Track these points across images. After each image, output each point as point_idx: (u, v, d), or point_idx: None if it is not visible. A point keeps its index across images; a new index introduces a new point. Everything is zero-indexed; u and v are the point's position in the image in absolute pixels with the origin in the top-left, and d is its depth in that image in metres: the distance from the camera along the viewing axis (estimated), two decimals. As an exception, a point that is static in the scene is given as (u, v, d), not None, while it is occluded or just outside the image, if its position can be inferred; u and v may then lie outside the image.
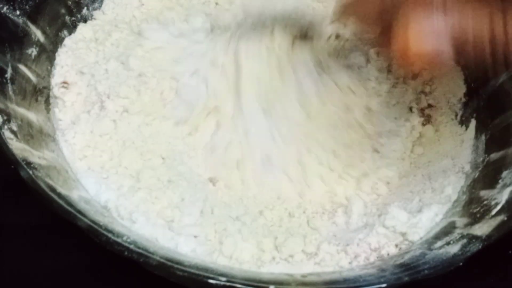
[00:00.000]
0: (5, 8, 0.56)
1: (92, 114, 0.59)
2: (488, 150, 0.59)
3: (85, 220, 0.44)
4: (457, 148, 0.60)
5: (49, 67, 0.61)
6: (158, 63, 0.63)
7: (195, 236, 0.52)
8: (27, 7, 0.59)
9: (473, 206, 0.54)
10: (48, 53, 0.61)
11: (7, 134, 0.49)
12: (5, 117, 0.50)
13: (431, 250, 0.49)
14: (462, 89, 0.64)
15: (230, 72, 0.61)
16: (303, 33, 0.63)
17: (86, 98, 0.60)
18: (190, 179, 0.57)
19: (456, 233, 0.50)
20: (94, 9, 0.68)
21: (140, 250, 0.43)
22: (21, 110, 0.54)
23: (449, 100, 0.64)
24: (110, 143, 0.58)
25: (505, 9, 0.44)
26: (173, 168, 0.57)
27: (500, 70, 0.54)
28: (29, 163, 0.47)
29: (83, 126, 0.58)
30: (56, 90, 0.60)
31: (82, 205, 0.48)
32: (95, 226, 0.44)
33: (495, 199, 0.52)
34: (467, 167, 0.58)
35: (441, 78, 0.64)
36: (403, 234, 0.54)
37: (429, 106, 0.65)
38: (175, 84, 0.62)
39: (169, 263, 0.43)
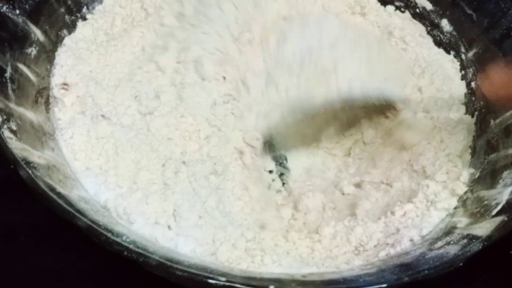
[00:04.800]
0: (4, 8, 0.56)
1: (90, 117, 0.59)
2: (488, 150, 0.59)
3: (85, 219, 0.44)
4: (458, 149, 0.60)
5: (48, 67, 0.61)
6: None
7: (195, 237, 0.52)
8: (26, 6, 0.59)
9: (474, 206, 0.54)
10: (48, 52, 0.61)
11: (6, 133, 0.49)
12: (4, 117, 0.50)
13: (431, 250, 0.49)
14: (462, 89, 0.64)
15: None
16: None
17: (85, 100, 0.60)
18: (188, 184, 0.57)
19: (457, 233, 0.50)
20: (94, 8, 0.68)
21: (140, 250, 0.43)
22: (21, 110, 0.54)
23: (449, 101, 0.64)
24: (107, 146, 0.58)
25: None
26: (169, 172, 0.57)
27: None
28: (28, 163, 0.47)
29: (81, 128, 0.58)
30: (56, 91, 0.60)
31: (81, 205, 0.48)
32: (95, 226, 0.44)
33: (495, 199, 0.52)
34: (468, 168, 0.58)
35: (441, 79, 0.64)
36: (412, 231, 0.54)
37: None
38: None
39: (169, 263, 0.43)
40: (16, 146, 0.49)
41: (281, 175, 0.63)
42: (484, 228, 0.48)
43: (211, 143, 0.60)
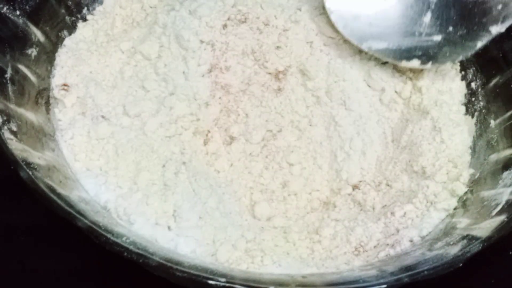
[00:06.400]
0: (5, 8, 0.56)
1: (91, 117, 0.59)
2: (488, 151, 0.59)
3: (85, 220, 0.44)
4: (458, 149, 0.60)
5: (49, 68, 0.61)
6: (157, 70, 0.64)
7: (195, 238, 0.53)
8: (27, 7, 0.59)
9: (473, 207, 0.54)
10: (48, 53, 0.61)
11: (6, 134, 0.49)
12: (4, 118, 0.50)
13: (431, 250, 0.49)
14: (462, 90, 0.64)
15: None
16: None
17: (86, 101, 0.60)
18: (188, 185, 0.57)
19: (456, 234, 0.50)
20: (94, 9, 0.68)
21: (140, 251, 0.43)
22: (21, 111, 0.54)
23: (449, 101, 0.64)
24: (107, 147, 0.58)
25: None
26: (170, 172, 0.57)
27: None
28: (28, 164, 0.47)
29: (81, 129, 0.58)
30: (56, 92, 0.60)
31: (81, 206, 0.48)
32: (95, 227, 0.44)
33: (495, 200, 0.52)
34: (468, 168, 0.58)
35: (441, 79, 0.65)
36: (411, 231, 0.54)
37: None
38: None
39: (169, 264, 0.43)
40: (17, 147, 0.49)
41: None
42: (484, 229, 0.48)
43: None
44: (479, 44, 0.61)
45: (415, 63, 0.63)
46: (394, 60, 0.63)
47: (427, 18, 0.62)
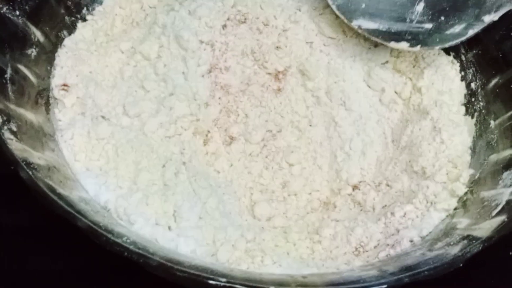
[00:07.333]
0: (4, 8, 0.56)
1: (91, 117, 0.59)
2: (488, 151, 0.59)
3: (85, 220, 0.44)
4: (458, 150, 0.60)
5: (48, 68, 0.61)
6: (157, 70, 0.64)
7: (195, 238, 0.53)
8: (26, 7, 0.58)
9: (473, 207, 0.54)
10: (48, 53, 0.61)
11: (6, 134, 0.49)
12: (4, 118, 0.50)
13: (431, 251, 0.49)
14: (462, 90, 0.64)
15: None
16: None
17: (85, 101, 0.60)
18: (188, 185, 0.57)
19: (456, 234, 0.50)
20: (94, 9, 0.68)
21: (140, 251, 0.43)
22: (21, 111, 0.54)
23: (449, 102, 0.64)
24: (107, 147, 0.58)
25: None
26: (170, 172, 0.57)
27: None
28: (29, 164, 0.47)
29: (81, 129, 0.58)
30: (56, 92, 0.60)
31: (82, 206, 0.48)
32: (95, 227, 0.44)
33: (495, 200, 0.52)
34: (468, 169, 0.58)
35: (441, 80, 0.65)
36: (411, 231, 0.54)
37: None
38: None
39: (169, 264, 0.43)
40: (17, 147, 0.49)
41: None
42: (484, 229, 0.48)
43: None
44: (471, 32, 0.61)
45: (403, 45, 0.63)
46: (383, 40, 0.63)
47: (420, 7, 0.63)
